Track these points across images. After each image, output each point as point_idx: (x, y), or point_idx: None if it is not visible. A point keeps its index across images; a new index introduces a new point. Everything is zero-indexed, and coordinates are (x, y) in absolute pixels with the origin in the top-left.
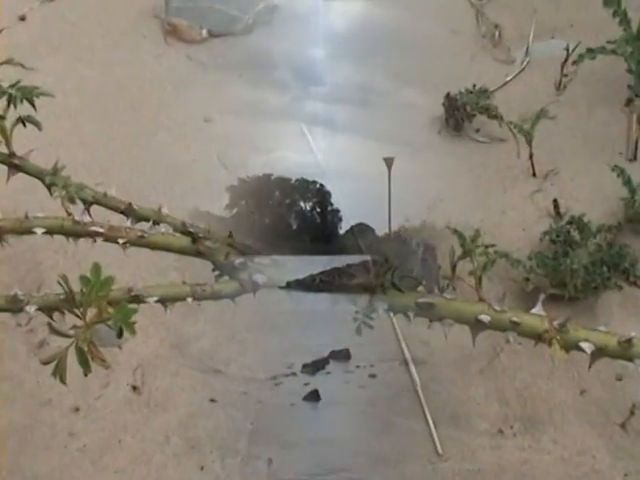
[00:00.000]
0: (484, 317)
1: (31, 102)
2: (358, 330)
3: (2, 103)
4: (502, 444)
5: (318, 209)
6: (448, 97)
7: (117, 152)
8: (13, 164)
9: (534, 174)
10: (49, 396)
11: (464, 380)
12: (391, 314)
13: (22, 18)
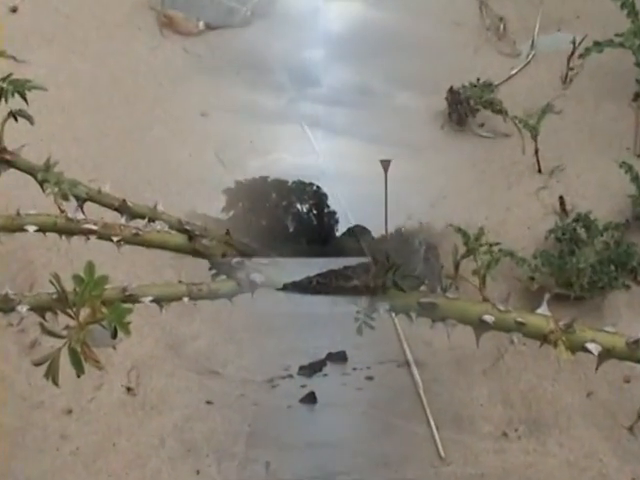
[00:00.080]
0: (488, 317)
1: (23, 96)
2: (359, 330)
3: None
4: (506, 447)
5: (315, 211)
6: (451, 91)
7: (111, 147)
8: (4, 160)
9: (539, 170)
10: (41, 398)
11: (467, 382)
12: (393, 314)
13: (13, 10)
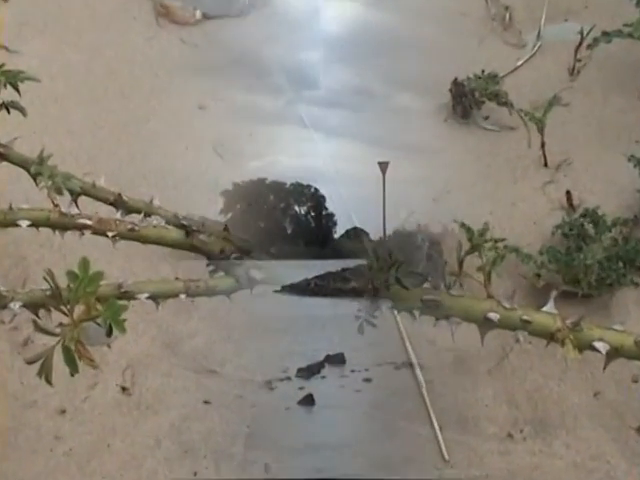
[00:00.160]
0: (493, 315)
1: (15, 87)
2: (360, 329)
3: None
4: (511, 449)
5: (313, 213)
6: (455, 83)
7: (106, 140)
8: None
9: (546, 164)
10: (34, 397)
11: (471, 381)
12: (395, 312)
13: None
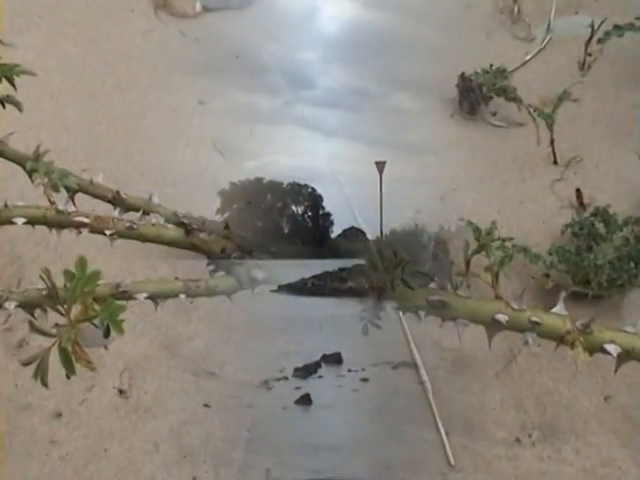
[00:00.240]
0: (501, 316)
1: (11, 81)
2: (365, 330)
3: None
4: (520, 454)
5: (310, 213)
6: (462, 77)
7: (104, 136)
8: None
9: (555, 161)
10: (29, 400)
11: (478, 385)
12: (400, 313)
13: None
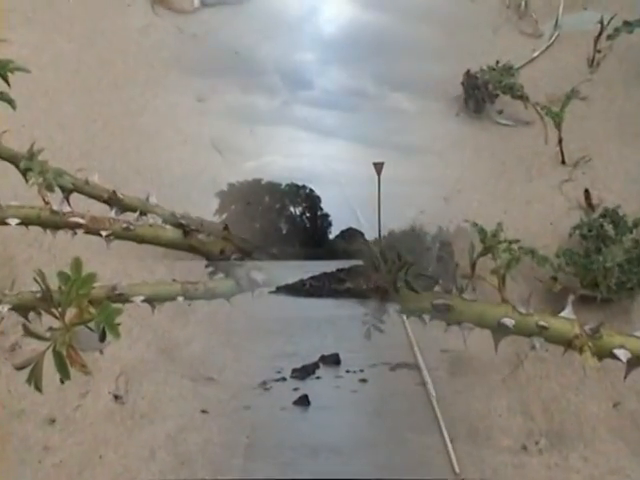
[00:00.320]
0: (508, 320)
1: (4, 78)
2: (367, 334)
3: None
4: (526, 462)
5: (308, 214)
6: (468, 75)
7: (99, 134)
8: None
9: (563, 161)
10: (22, 406)
11: (484, 390)
12: (404, 317)
13: None
